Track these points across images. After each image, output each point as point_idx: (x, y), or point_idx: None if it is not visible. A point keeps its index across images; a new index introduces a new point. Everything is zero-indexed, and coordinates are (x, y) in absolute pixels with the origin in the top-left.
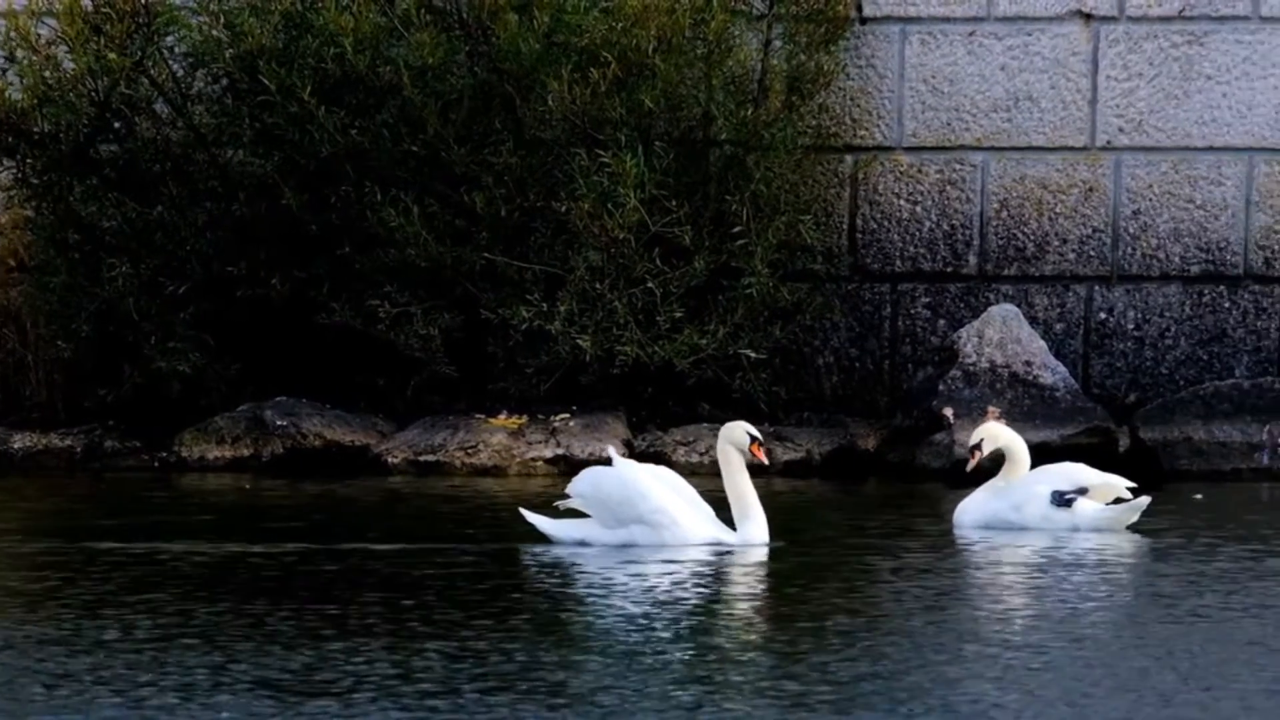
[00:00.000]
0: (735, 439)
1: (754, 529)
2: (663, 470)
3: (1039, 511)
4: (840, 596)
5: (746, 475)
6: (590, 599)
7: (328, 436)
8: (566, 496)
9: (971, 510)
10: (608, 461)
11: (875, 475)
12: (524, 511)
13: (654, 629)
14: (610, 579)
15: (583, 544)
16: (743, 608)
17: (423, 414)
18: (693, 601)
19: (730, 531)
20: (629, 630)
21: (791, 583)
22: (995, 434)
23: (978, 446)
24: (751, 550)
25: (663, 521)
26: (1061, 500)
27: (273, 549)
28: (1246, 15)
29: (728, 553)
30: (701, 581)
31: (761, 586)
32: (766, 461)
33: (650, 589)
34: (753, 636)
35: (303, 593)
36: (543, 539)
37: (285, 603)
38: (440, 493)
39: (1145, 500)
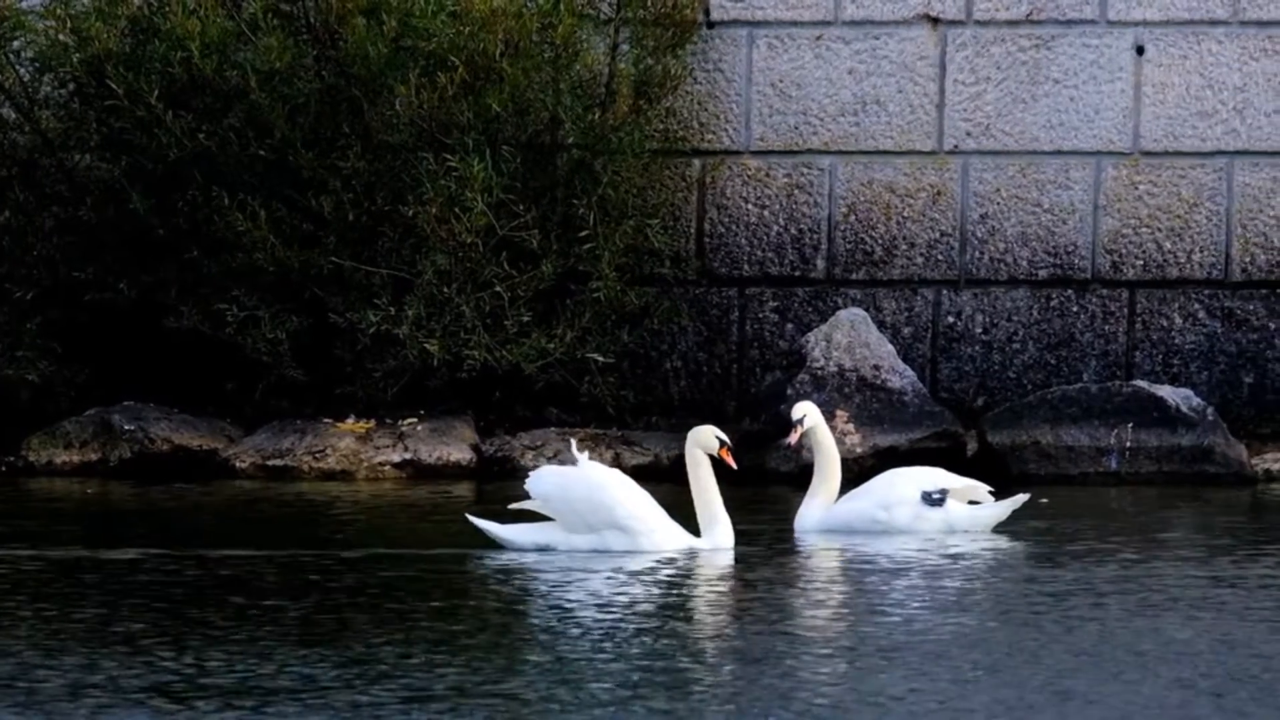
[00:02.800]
0: (704, 443)
1: (721, 534)
2: (618, 473)
3: (910, 512)
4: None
5: (714, 480)
6: (546, 605)
7: (175, 441)
8: (525, 497)
9: (810, 516)
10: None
11: (724, 479)
12: (472, 518)
13: (586, 635)
14: (576, 586)
15: (544, 549)
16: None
17: (271, 418)
18: (646, 606)
19: (695, 537)
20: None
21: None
22: (814, 412)
23: (800, 421)
24: (720, 555)
25: (638, 528)
26: (932, 500)
27: (116, 554)
28: (1093, 19)
29: (694, 558)
30: (660, 586)
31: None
32: (735, 465)
33: (602, 593)
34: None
35: (143, 598)
36: (438, 546)
37: (125, 607)
38: (287, 497)
39: (1022, 498)
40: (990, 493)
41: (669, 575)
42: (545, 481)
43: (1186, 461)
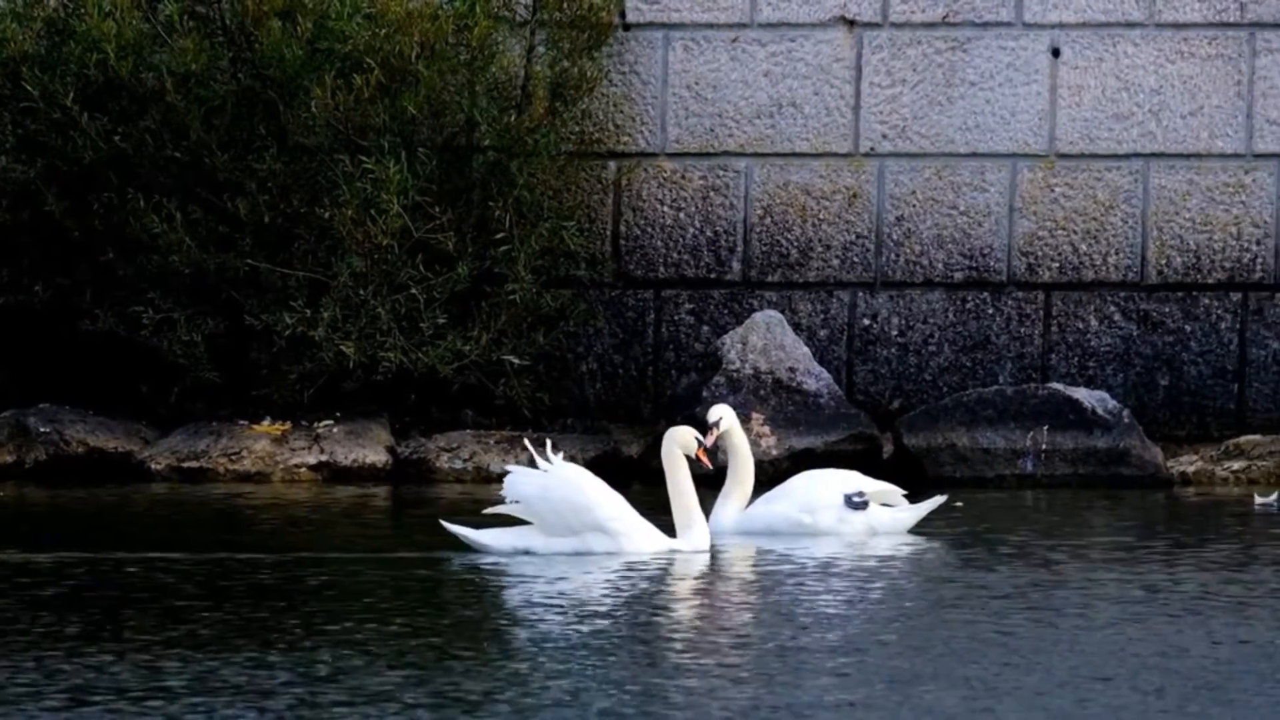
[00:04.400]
0: (683, 443)
1: (698, 535)
2: (590, 474)
3: (834, 515)
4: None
5: (691, 482)
6: (494, 606)
7: (91, 443)
8: (500, 502)
9: (725, 518)
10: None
11: (639, 481)
12: (445, 523)
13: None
14: (554, 590)
15: (525, 554)
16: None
17: (186, 420)
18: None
19: (672, 538)
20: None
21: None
22: (730, 415)
23: (716, 424)
24: (697, 557)
25: (621, 529)
26: (854, 503)
27: (34, 558)
28: (1009, 21)
29: (672, 559)
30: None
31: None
32: (711, 466)
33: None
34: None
35: (65, 601)
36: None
37: (47, 612)
38: (205, 499)
39: (938, 499)
40: (903, 495)
41: (634, 577)
42: (526, 485)
43: (1102, 464)
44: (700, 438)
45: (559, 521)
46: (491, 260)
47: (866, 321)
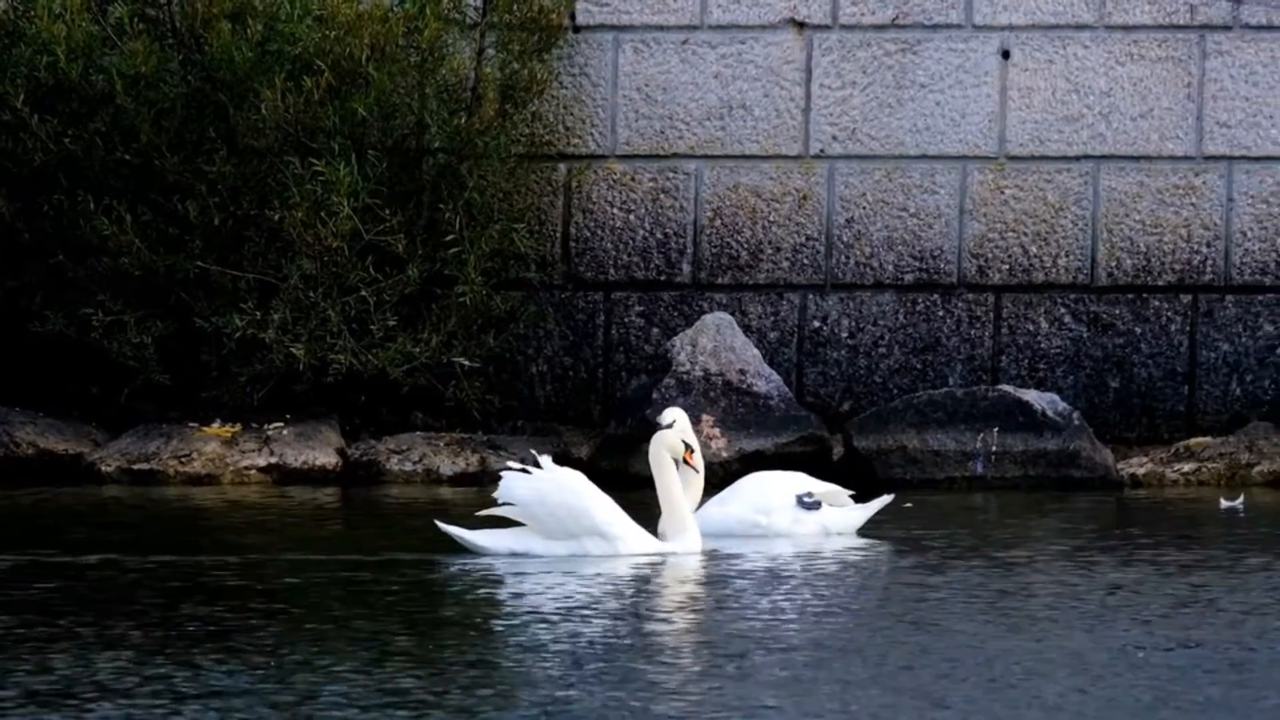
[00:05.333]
0: (671, 446)
1: (690, 538)
2: (583, 477)
3: (788, 515)
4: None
5: (679, 484)
6: (469, 611)
7: (41, 445)
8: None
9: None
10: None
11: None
12: (441, 524)
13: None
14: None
15: (522, 556)
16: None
17: (136, 422)
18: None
19: (663, 541)
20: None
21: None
22: (683, 418)
23: (670, 426)
24: (689, 559)
25: (616, 533)
26: (807, 504)
27: None
28: (959, 23)
29: (665, 562)
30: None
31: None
32: (699, 470)
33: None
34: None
35: (21, 604)
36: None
37: (3, 614)
38: (157, 501)
39: (886, 499)
40: (851, 496)
41: (630, 578)
42: (521, 489)
43: (1052, 466)
44: (689, 441)
45: (556, 525)
46: (441, 262)
47: (816, 323)
